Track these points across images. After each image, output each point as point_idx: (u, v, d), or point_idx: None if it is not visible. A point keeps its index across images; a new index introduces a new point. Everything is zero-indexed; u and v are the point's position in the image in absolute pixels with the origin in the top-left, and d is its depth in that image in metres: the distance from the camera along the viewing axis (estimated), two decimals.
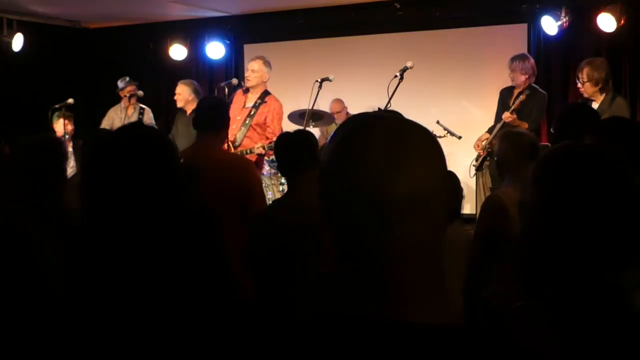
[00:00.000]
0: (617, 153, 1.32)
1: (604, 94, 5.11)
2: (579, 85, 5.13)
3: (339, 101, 7.30)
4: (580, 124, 3.02)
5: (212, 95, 5.92)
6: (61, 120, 6.61)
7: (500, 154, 3.35)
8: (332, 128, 7.24)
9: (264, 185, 5.89)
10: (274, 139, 5.32)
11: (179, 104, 6.58)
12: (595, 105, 5.09)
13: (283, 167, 2.96)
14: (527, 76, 5.63)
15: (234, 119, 5.67)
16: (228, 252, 2.16)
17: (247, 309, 2.64)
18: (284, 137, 3.07)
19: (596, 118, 3.29)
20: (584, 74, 5.08)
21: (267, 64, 5.65)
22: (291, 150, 2.89)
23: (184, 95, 6.49)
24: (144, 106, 7.05)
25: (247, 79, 5.61)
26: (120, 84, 6.99)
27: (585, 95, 5.14)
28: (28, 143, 2.59)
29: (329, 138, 1.00)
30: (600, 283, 1.21)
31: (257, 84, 5.59)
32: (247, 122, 5.51)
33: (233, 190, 3.29)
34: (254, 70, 5.58)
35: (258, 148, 5.29)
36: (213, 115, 3.53)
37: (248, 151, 5.34)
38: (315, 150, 2.91)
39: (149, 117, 6.98)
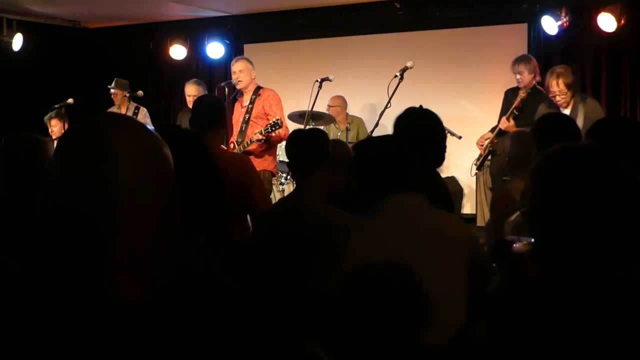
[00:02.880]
0: (615, 151, 1.31)
1: (575, 97, 5.15)
2: (558, 97, 5.09)
3: (336, 97, 7.12)
4: (560, 135, 3.01)
5: (209, 94, 5.89)
6: (55, 121, 6.62)
7: (511, 152, 3.43)
8: (332, 128, 7.23)
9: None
10: (272, 120, 5.27)
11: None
12: (567, 110, 5.10)
13: (293, 165, 2.89)
14: (533, 75, 5.66)
15: (237, 122, 5.67)
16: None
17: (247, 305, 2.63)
18: (297, 134, 3.01)
19: (575, 127, 3.28)
20: (562, 84, 5.06)
21: (249, 62, 5.67)
22: (303, 148, 2.82)
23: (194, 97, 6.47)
24: (139, 106, 7.05)
25: (238, 81, 5.60)
26: (112, 90, 7.01)
27: (563, 103, 5.12)
28: None
29: None
30: (612, 279, 1.21)
31: (248, 82, 5.60)
32: (246, 118, 5.51)
33: (235, 188, 3.29)
34: (241, 70, 5.57)
35: (255, 134, 5.27)
36: (211, 114, 3.52)
37: (249, 142, 5.33)
38: (327, 150, 2.84)
39: (142, 116, 6.96)
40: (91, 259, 0.98)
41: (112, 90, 6.93)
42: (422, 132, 2.89)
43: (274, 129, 5.18)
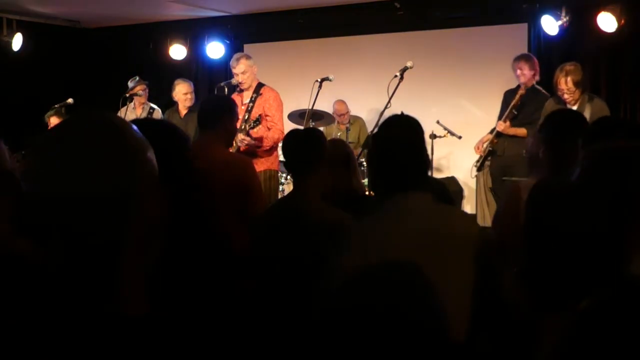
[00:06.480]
0: None
1: (582, 96, 5.16)
2: (566, 95, 5.12)
3: (343, 102, 7.27)
4: (575, 131, 3.01)
5: (217, 95, 5.86)
6: (54, 119, 6.61)
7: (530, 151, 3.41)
8: (332, 128, 7.23)
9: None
10: (255, 121, 5.21)
11: (189, 103, 6.68)
12: (573, 109, 5.11)
13: (290, 166, 2.87)
14: (533, 73, 5.65)
15: None
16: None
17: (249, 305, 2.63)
18: (294, 134, 3.00)
19: (586, 123, 3.28)
20: (570, 82, 5.08)
21: (249, 58, 5.62)
22: (300, 149, 2.81)
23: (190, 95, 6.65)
24: (154, 106, 7.05)
25: (241, 83, 5.57)
26: (130, 83, 6.97)
27: (571, 101, 5.14)
28: None
29: None
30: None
31: (252, 81, 5.58)
32: (246, 118, 5.50)
33: (231, 190, 3.29)
34: (243, 72, 5.53)
35: (238, 135, 5.17)
36: (214, 114, 3.54)
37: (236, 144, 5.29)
38: (325, 150, 2.83)
39: (158, 117, 6.98)
40: (106, 267, 0.96)
41: (138, 90, 6.83)
42: (415, 136, 2.88)
43: (255, 124, 5.16)
